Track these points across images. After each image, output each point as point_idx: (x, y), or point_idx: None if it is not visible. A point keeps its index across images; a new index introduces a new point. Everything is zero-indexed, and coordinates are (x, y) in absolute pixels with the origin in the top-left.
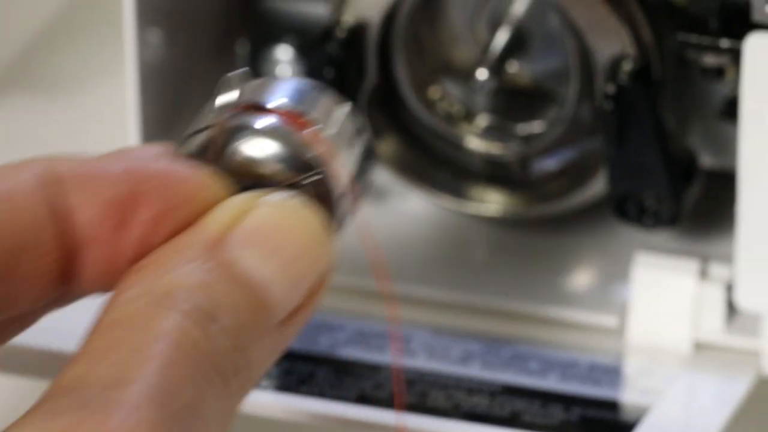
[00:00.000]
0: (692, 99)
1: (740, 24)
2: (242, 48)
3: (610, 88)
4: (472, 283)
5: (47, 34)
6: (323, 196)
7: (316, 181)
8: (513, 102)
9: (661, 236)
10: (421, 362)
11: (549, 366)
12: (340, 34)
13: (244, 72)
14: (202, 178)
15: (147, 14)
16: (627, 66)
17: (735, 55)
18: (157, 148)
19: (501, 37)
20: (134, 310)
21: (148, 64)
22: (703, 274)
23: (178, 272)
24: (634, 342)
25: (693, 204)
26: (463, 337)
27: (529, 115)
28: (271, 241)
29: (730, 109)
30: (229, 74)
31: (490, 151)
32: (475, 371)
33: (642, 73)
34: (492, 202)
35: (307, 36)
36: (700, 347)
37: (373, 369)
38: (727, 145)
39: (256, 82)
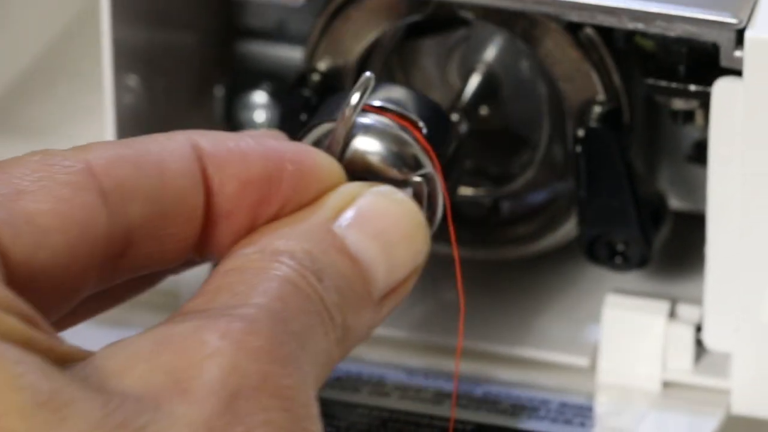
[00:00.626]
0: (662, 142)
1: (709, 69)
2: (219, 93)
3: (580, 132)
4: (444, 324)
5: (26, 80)
6: (425, 194)
7: (420, 180)
8: (485, 145)
9: (631, 277)
10: (394, 402)
11: (521, 406)
12: (315, 78)
13: (370, 76)
14: (329, 164)
15: (125, 60)
16: (597, 110)
17: (704, 99)
18: (278, 133)
19: (473, 82)
20: (249, 261)
21: (126, 108)
22: (673, 314)
23: (292, 238)
24: (604, 382)
25: (662, 246)
26: (436, 377)
27: (501, 158)
28: (377, 225)
29: (699, 153)
30: (365, 75)
31: (463, 193)
32: (448, 411)
33: (612, 116)
34: (464, 243)
35: (282, 81)
36: (669, 386)
37: (347, 408)
38: (696, 188)
39: (380, 86)
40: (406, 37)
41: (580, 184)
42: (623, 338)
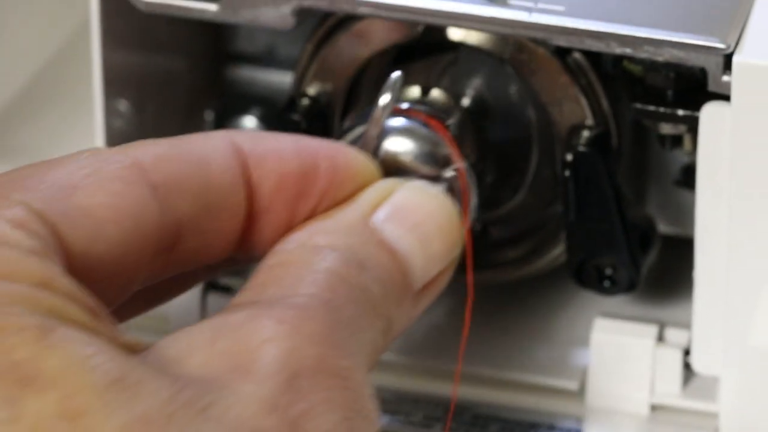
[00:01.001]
0: (650, 166)
1: (696, 93)
2: (209, 117)
3: (569, 156)
4: (433, 347)
5: (18, 104)
6: (458, 190)
7: (452, 175)
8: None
9: (620, 301)
10: (384, 426)
11: (510, 429)
12: (305, 103)
13: (398, 77)
14: (363, 162)
15: (115, 85)
16: (585, 134)
17: (692, 124)
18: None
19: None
20: (292, 255)
21: (117, 132)
22: (661, 338)
23: (332, 233)
24: (593, 405)
25: (651, 270)
26: (426, 400)
27: (490, 182)
28: (413, 218)
29: (687, 177)
30: (392, 76)
31: None
32: None
33: (600, 141)
34: None
35: (272, 105)
36: (658, 410)
37: None
38: (684, 212)
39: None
40: (395, 61)
41: (568, 208)
42: (612, 362)
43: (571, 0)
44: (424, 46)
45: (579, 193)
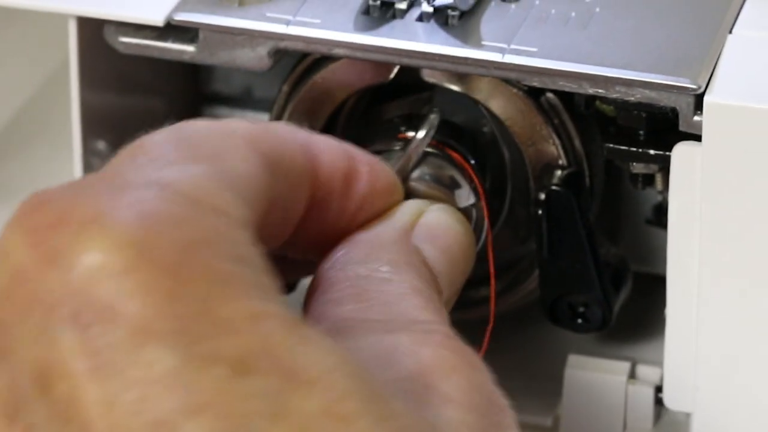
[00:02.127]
0: (622, 205)
1: (668, 133)
2: None
3: (542, 195)
4: None
5: None
6: (473, 220)
7: (469, 206)
8: None
9: (592, 338)
10: None
11: None
12: None
13: (436, 116)
14: (395, 178)
15: (94, 125)
16: (558, 173)
17: (664, 163)
18: None
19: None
20: (371, 270)
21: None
22: (633, 375)
23: (391, 250)
24: None
25: (623, 307)
26: None
27: None
28: (444, 240)
29: (659, 216)
30: (431, 115)
31: None
32: None
33: (573, 180)
34: None
35: None
36: None
37: None
38: (656, 251)
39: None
40: (371, 101)
41: (541, 247)
42: (585, 398)
43: (544, 41)
44: (399, 86)
45: (552, 232)
